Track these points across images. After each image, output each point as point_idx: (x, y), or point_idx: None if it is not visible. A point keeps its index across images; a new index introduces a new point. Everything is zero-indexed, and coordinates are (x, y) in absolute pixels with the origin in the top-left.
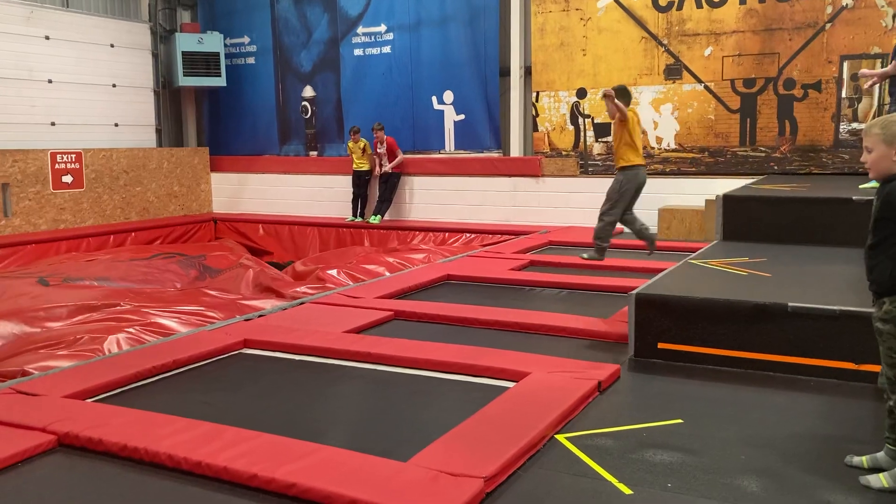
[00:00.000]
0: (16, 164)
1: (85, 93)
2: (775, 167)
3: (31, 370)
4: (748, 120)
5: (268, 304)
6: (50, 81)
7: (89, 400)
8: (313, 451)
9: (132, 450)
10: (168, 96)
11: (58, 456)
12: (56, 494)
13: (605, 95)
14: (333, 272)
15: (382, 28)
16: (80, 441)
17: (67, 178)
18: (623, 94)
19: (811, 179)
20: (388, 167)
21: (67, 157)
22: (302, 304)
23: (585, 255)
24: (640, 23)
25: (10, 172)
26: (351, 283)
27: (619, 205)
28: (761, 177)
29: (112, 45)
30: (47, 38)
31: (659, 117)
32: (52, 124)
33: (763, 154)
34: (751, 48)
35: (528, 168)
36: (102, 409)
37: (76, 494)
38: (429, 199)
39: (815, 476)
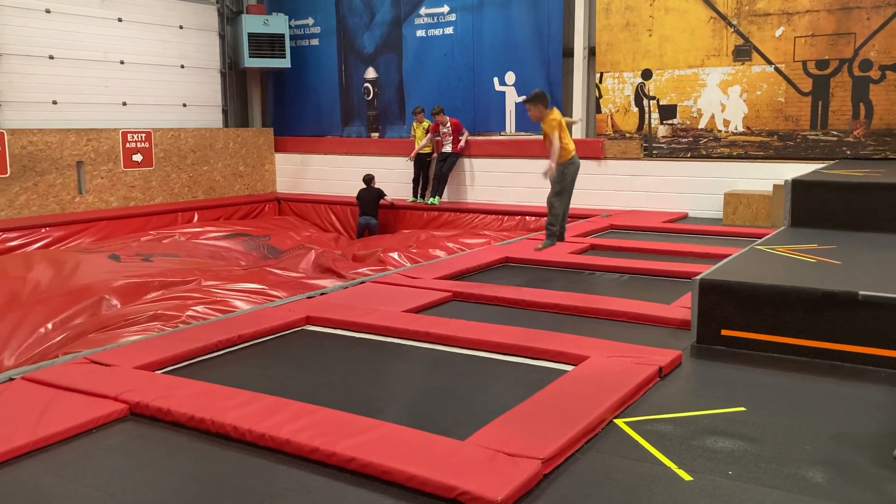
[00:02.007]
0: (90, 143)
1: (155, 73)
2: (848, 152)
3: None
4: (820, 103)
5: (329, 283)
6: (122, 62)
7: (159, 371)
8: (373, 427)
9: (199, 420)
10: (234, 77)
11: (129, 424)
12: (128, 461)
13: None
14: (394, 255)
15: (445, 9)
16: (150, 410)
17: (137, 157)
18: (543, 98)
19: (886, 164)
20: (448, 148)
21: (137, 137)
22: (362, 283)
23: (540, 247)
24: (708, 2)
25: (85, 151)
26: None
27: (567, 191)
28: (833, 161)
29: (181, 27)
30: (120, 20)
31: (726, 99)
32: (124, 104)
33: (835, 138)
34: (825, 28)
35: (590, 150)
36: (171, 380)
37: (146, 461)
38: (488, 181)
39: (884, 469)
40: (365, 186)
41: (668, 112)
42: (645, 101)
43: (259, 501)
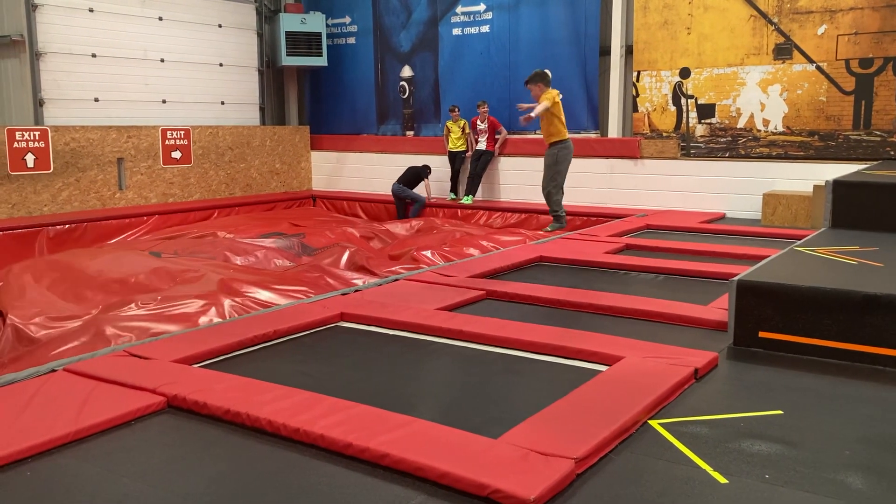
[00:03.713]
0: (130, 140)
1: (194, 71)
2: (892, 152)
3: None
4: (863, 102)
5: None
6: (162, 60)
7: (195, 365)
8: (406, 424)
9: (235, 414)
10: (271, 75)
11: (166, 416)
12: (165, 452)
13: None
14: (428, 253)
15: (482, 7)
16: (187, 403)
17: (176, 154)
18: (543, 77)
19: None
20: (482, 146)
21: (177, 134)
22: (396, 280)
23: (549, 228)
24: (749, 0)
25: (125, 148)
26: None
27: (561, 175)
28: (876, 162)
29: (220, 26)
30: (160, 18)
31: (766, 99)
32: (163, 102)
33: (878, 138)
34: (869, 26)
35: (626, 149)
36: (207, 374)
37: (183, 453)
38: (522, 179)
39: None
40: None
41: (706, 111)
42: (683, 100)
43: (293, 495)
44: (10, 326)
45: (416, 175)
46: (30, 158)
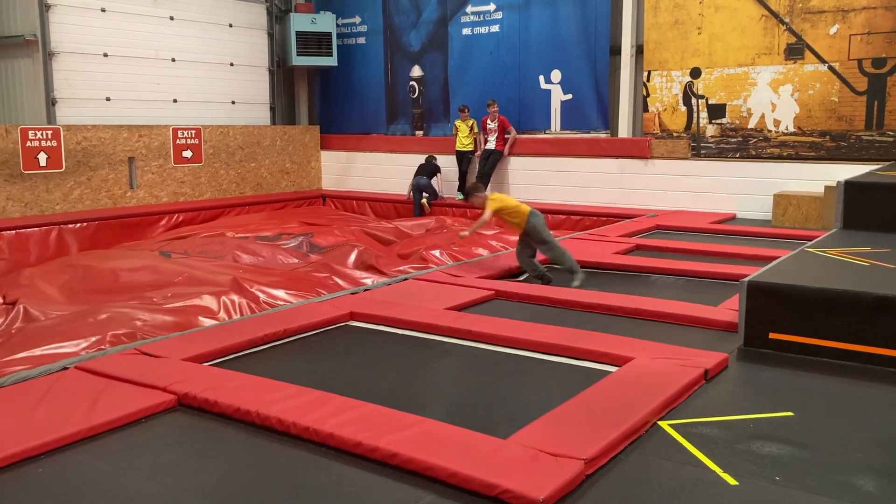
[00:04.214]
0: (141, 139)
1: (205, 71)
2: None
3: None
4: (875, 102)
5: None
6: (173, 60)
7: (206, 364)
8: (416, 423)
9: (245, 412)
10: (282, 75)
11: (177, 414)
12: (176, 450)
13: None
14: (436, 252)
15: (491, 7)
16: (198, 402)
17: (187, 153)
18: (476, 188)
19: None
20: (491, 145)
21: (187, 133)
22: (405, 280)
23: (577, 284)
24: (760, 0)
25: (136, 147)
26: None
27: (548, 234)
28: (888, 163)
29: (231, 25)
30: (172, 18)
31: (777, 99)
32: (174, 101)
33: (891, 139)
34: (882, 25)
35: (636, 149)
36: (218, 372)
37: (193, 451)
38: (532, 179)
39: None
40: (424, 162)
41: (716, 111)
42: (693, 100)
43: (303, 493)
44: (21, 307)
45: (432, 170)
46: (42, 157)
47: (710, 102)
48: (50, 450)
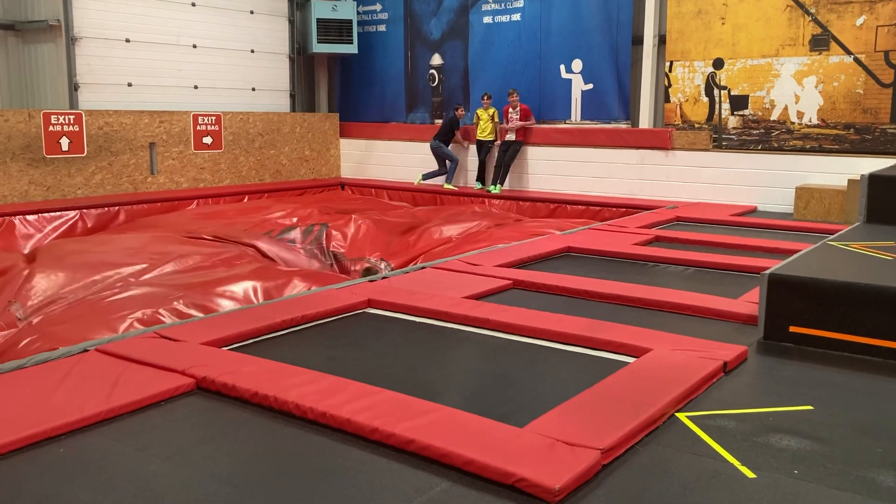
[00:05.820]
0: (162, 125)
1: (226, 57)
2: None
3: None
4: None
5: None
6: (194, 46)
7: (225, 348)
8: (432, 410)
9: (262, 397)
10: (302, 62)
11: (195, 398)
12: (193, 433)
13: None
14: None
15: None
16: (216, 385)
17: (207, 140)
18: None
19: None
20: (512, 136)
21: (208, 120)
22: (423, 268)
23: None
24: None
25: (157, 133)
26: None
27: None
28: None
29: (252, 12)
30: (193, 4)
31: (801, 91)
32: (195, 87)
33: None
34: None
35: (657, 140)
36: (236, 357)
37: (211, 434)
38: (552, 169)
39: None
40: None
41: (739, 102)
42: (715, 91)
43: (319, 478)
44: (36, 271)
45: (449, 127)
46: (64, 142)
47: (732, 93)
48: (70, 430)
